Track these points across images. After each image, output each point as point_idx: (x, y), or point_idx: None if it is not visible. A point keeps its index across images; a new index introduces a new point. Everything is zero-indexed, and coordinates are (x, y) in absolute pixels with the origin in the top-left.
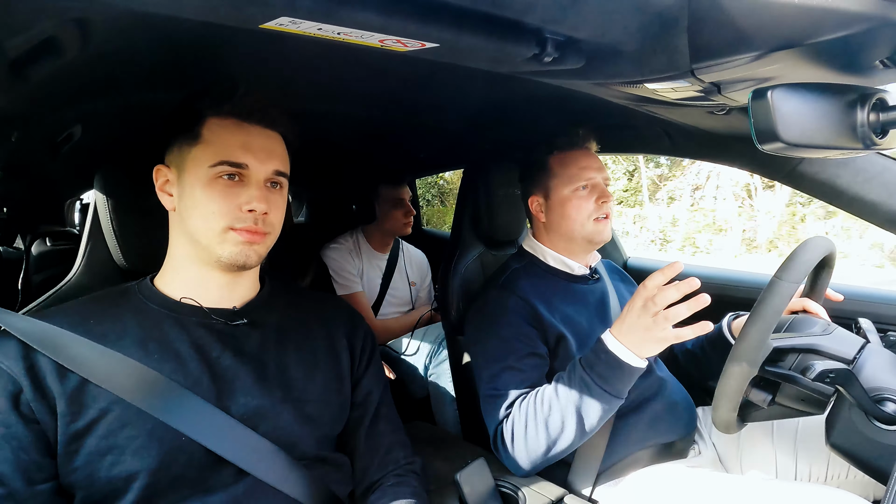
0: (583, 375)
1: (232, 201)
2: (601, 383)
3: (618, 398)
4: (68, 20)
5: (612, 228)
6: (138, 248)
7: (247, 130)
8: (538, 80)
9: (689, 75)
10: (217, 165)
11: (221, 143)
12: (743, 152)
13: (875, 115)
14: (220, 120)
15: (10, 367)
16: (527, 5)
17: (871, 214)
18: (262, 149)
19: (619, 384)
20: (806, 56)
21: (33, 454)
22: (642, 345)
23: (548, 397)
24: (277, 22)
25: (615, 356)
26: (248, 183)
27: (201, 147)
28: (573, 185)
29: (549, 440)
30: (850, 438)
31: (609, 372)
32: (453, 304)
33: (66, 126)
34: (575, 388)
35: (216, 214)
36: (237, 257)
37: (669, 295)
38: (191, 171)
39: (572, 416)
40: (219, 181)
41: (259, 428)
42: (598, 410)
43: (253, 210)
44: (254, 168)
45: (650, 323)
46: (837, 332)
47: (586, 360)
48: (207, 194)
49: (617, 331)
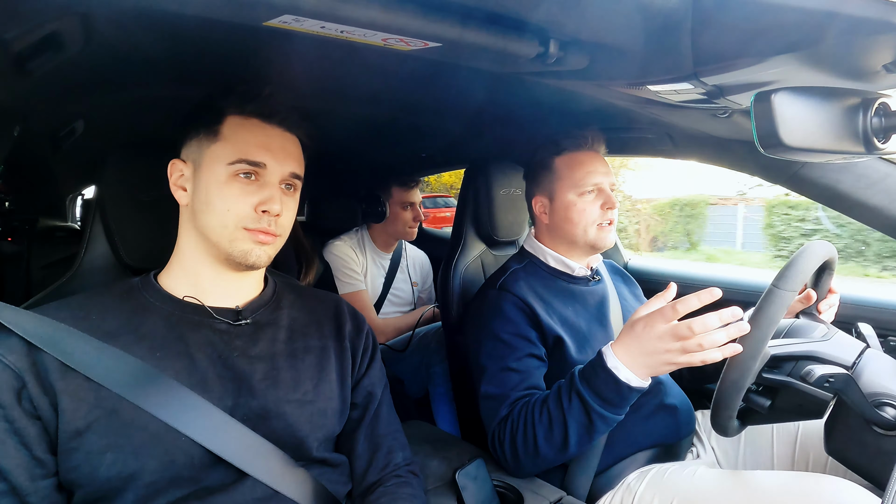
0: (580, 392)
1: (247, 200)
2: (600, 403)
3: (618, 416)
4: (72, 15)
5: (614, 235)
6: (139, 243)
7: (267, 131)
8: (541, 80)
9: (692, 78)
10: (235, 163)
11: (241, 142)
12: (744, 155)
13: (877, 119)
14: (241, 119)
15: (13, 362)
16: (531, 6)
17: (872, 219)
18: (281, 149)
19: (620, 404)
20: (809, 60)
21: (36, 450)
22: (656, 368)
23: (545, 408)
24: (281, 20)
25: (615, 377)
26: (265, 183)
27: (221, 144)
28: (578, 189)
29: (544, 450)
30: (849, 444)
31: (609, 392)
32: (453, 304)
33: (68, 121)
34: (574, 405)
35: (231, 213)
36: (248, 256)
37: (710, 322)
38: (208, 168)
39: (567, 429)
40: (235, 179)
41: (261, 428)
42: (596, 427)
43: (267, 211)
44: (271, 168)
45: (677, 348)
46: (837, 336)
47: (584, 374)
48: (223, 192)
49: (624, 350)
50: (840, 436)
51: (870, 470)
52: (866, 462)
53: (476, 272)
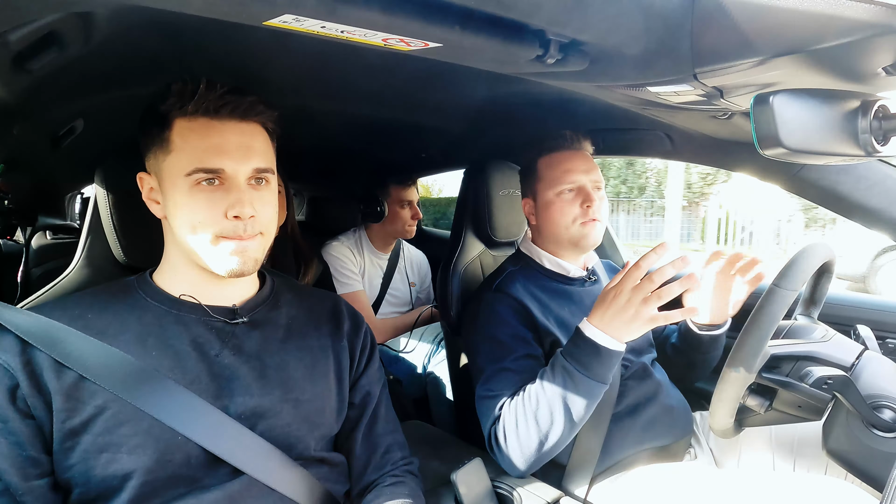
0: (564, 364)
1: (216, 208)
2: (582, 370)
3: (601, 384)
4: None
5: (604, 230)
6: (138, 243)
7: (219, 129)
8: (541, 81)
9: (692, 79)
10: (192, 174)
11: (193, 149)
12: (744, 157)
13: (877, 122)
14: (188, 121)
15: (7, 361)
16: (532, 7)
17: (872, 222)
18: (238, 147)
19: (601, 369)
20: (809, 62)
21: (30, 450)
22: (628, 327)
23: (534, 391)
24: (281, 19)
25: (593, 342)
26: (230, 186)
27: (174, 155)
28: (556, 188)
29: (540, 434)
30: (847, 445)
31: (588, 358)
32: (452, 305)
33: (67, 120)
34: (558, 379)
35: (202, 224)
36: (233, 267)
37: (666, 272)
38: (169, 181)
39: (559, 406)
40: (199, 188)
41: (257, 427)
42: (583, 398)
43: (238, 216)
44: (231, 170)
45: (640, 304)
46: (836, 338)
47: (566, 349)
48: (190, 204)
49: (598, 318)
50: (838, 437)
51: (868, 471)
52: (864, 463)
53: (475, 273)
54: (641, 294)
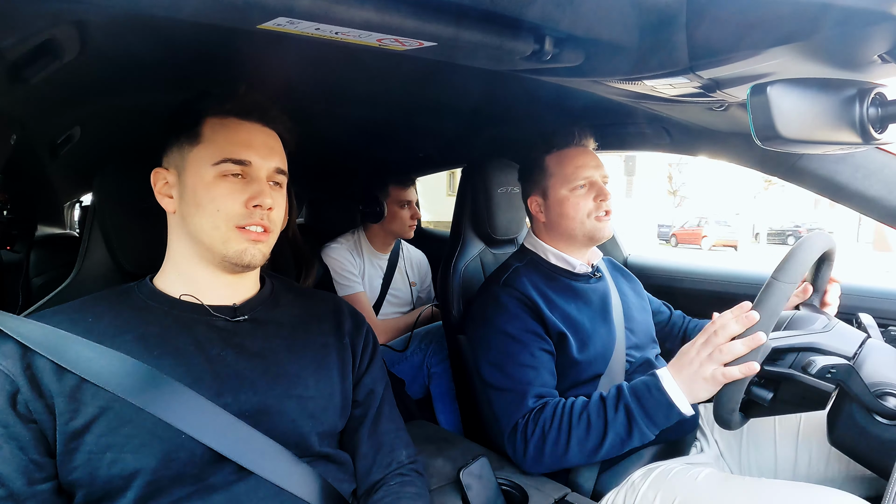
0: (629, 405)
1: (237, 198)
2: (646, 420)
3: (652, 436)
4: (67, 22)
5: (612, 225)
6: (137, 250)
7: (248, 129)
8: (537, 77)
9: (688, 72)
10: (221, 163)
11: (223, 141)
12: (742, 148)
13: (874, 109)
14: (220, 119)
15: (7, 367)
16: (526, 3)
17: (871, 210)
18: (264, 145)
19: (663, 423)
20: (804, 52)
21: (33, 454)
22: (694, 383)
23: (581, 409)
24: (275, 22)
25: (668, 399)
26: (252, 179)
27: (203, 146)
28: (570, 184)
29: (571, 451)
30: (851, 434)
31: (656, 410)
32: (453, 303)
33: (65, 128)
34: (618, 416)
35: (221, 213)
36: (243, 256)
37: (731, 328)
38: (192, 172)
39: (602, 437)
40: (223, 179)
41: (261, 425)
42: (631, 440)
43: (259, 206)
44: (257, 164)
45: (706, 358)
46: (838, 327)
47: (635, 390)
48: (211, 193)
49: (675, 368)
50: (843, 426)
51: (873, 460)
52: (869, 452)
53: (476, 271)
54: (709, 347)
